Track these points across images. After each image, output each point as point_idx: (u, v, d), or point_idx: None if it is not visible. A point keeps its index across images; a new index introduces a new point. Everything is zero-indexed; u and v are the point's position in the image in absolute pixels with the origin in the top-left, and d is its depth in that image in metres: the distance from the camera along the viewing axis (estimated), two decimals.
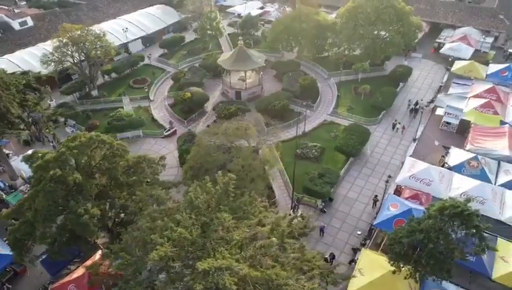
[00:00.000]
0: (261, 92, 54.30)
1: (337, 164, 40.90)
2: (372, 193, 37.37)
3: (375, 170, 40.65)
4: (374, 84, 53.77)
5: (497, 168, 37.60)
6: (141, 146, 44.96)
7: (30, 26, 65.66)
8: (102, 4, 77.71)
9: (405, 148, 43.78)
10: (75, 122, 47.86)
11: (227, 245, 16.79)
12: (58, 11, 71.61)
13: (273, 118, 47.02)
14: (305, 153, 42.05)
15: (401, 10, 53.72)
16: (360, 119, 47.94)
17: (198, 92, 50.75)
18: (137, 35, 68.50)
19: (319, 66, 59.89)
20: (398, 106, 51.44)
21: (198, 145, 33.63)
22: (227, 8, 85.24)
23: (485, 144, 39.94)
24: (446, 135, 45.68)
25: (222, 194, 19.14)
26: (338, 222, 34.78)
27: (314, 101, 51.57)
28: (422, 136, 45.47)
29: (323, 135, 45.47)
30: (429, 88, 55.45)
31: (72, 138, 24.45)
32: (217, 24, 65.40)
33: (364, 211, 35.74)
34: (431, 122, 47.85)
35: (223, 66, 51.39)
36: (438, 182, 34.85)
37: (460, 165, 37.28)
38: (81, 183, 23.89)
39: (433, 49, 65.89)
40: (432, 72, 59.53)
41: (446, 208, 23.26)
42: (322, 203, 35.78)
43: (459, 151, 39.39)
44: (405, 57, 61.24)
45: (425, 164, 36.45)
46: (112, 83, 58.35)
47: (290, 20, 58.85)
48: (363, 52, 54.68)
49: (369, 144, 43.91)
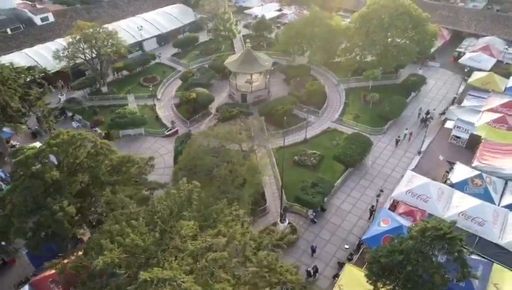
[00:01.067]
0: (268, 95, 53.74)
1: (335, 173, 39.83)
2: (368, 205, 36.11)
3: (374, 182, 39.28)
4: (385, 93, 52.14)
5: (503, 188, 35.53)
6: (142, 144, 45.44)
7: (51, 22, 67.68)
8: (123, 2, 79.22)
9: (408, 161, 42.11)
10: (82, 117, 48.97)
11: (181, 254, 16.48)
12: (79, 7, 73.60)
13: (276, 123, 46.54)
14: (303, 160, 41.21)
15: (417, 17, 51.79)
16: (366, 128, 46.53)
17: (203, 93, 50.79)
18: (152, 33, 69.45)
19: (330, 72, 58.69)
20: (408, 116, 49.61)
21: (190, 148, 33.54)
22: (245, 9, 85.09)
23: (493, 162, 37.81)
24: (454, 149, 43.58)
25: (184, 202, 18.84)
26: (327, 233, 33.79)
27: (321, 107, 50.51)
28: (428, 149, 43.59)
29: (324, 143, 44.41)
30: (443, 99, 53.16)
31: (55, 135, 24.86)
32: (230, 25, 65.30)
33: (356, 225, 34.56)
34: (440, 135, 45.81)
35: (229, 68, 51.21)
36: (436, 199, 33.22)
37: (463, 183, 35.44)
38: (60, 181, 24.23)
39: (453, 58, 63.22)
40: (448, 83, 57.07)
41: (428, 230, 22.03)
42: (313, 213, 34.88)
43: (463, 167, 37.45)
44: (420, 65, 59.00)
45: (425, 179, 34.86)
46: (123, 80, 59.37)
47: (302, 23, 58.00)
48: (375, 59, 53.03)
49: (371, 155, 42.57)
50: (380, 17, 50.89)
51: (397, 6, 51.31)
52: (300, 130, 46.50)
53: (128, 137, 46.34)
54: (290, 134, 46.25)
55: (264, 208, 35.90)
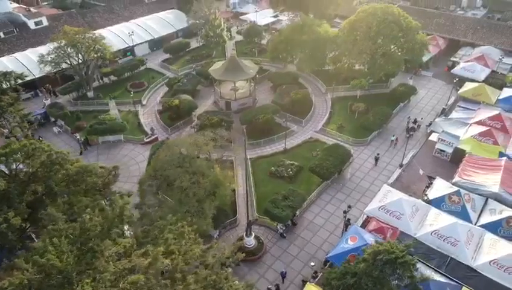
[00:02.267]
0: (253, 103, 53.00)
1: (311, 185, 38.81)
2: (341, 220, 34.95)
3: (351, 196, 38.12)
4: (373, 103, 50.99)
5: (482, 206, 34.05)
6: (120, 151, 45.04)
7: (45, 26, 68.04)
8: (119, 7, 79.56)
9: (389, 174, 40.87)
10: (64, 122, 48.85)
11: (101, 276, 15.74)
12: (74, 12, 73.92)
13: (257, 132, 45.74)
14: (279, 171, 40.27)
15: (406, 26, 50.58)
16: (348, 139, 45.44)
17: (186, 100, 50.25)
18: (144, 38, 69.38)
19: (319, 80, 57.72)
20: (394, 127, 48.29)
21: (157, 158, 32.91)
22: (242, 14, 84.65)
23: (475, 178, 36.34)
24: (439, 163, 42.23)
25: (115, 219, 18.15)
26: (296, 249, 32.75)
27: (305, 116, 49.54)
28: (410, 162, 42.28)
29: (304, 153, 43.40)
30: (432, 110, 51.72)
31: (5, 145, 24.48)
32: (221, 31, 64.84)
33: (327, 240, 33.45)
34: (425, 148, 44.54)
35: (213, 76, 50.62)
36: (410, 216, 31.95)
37: (440, 199, 34.10)
38: (9, 190, 23.79)
39: (447, 68, 61.64)
40: (439, 93, 55.59)
41: (380, 253, 20.97)
42: (283, 227, 33.89)
43: (442, 183, 36.07)
44: (411, 74, 57.63)
45: (399, 195, 33.61)
46: (111, 85, 59.22)
47: (290, 30, 57.23)
48: (363, 68, 51.91)
49: (351, 167, 41.45)
50: (367, 26, 49.76)
51: (386, 14, 50.21)
52: (282, 139, 45.62)
53: (107, 143, 46.00)
54: (270, 143, 45.50)
55: (234, 220, 35.05)
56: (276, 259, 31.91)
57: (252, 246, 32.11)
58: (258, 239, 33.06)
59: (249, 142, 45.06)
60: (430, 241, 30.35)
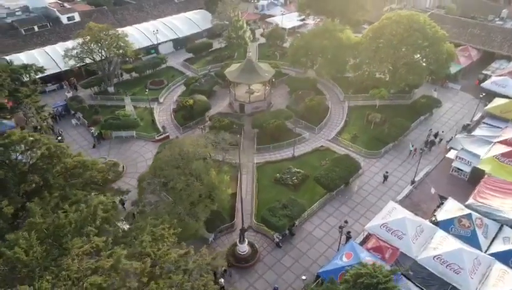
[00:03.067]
0: (268, 107, 52.36)
1: (315, 195, 37.68)
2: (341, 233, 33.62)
3: (355, 210, 36.65)
4: (393, 114, 49.06)
5: (496, 233, 31.65)
6: (131, 147, 45.78)
7: (76, 22, 70.72)
8: (148, 5, 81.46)
9: (399, 189, 38.97)
10: (82, 115, 50.37)
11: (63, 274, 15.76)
12: (105, 9, 76.37)
13: (268, 137, 45.12)
14: (284, 178, 39.41)
15: (433, 36, 48.17)
16: (360, 150, 43.81)
17: (201, 100, 50.48)
18: (169, 37, 70.43)
19: (338, 87, 56.23)
20: (412, 140, 45.97)
21: (159, 156, 33.08)
22: (269, 17, 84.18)
23: (491, 201, 33.89)
24: (455, 182, 39.82)
25: (86, 217, 18.20)
26: (290, 260, 31.83)
27: (319, 123, 48.30)
28: (424, 179, 40.11)
29: (313, 162, 42.26)
30: (455, 125, 48.89)
31: (6, 135, 25.33)
32: (244, 33, 64.65)
33: (324, 254, 32.27)
34: (443, 164, 42.11)
35: (228, 77, 50.47)
36: (413, 237, 30.17)
37: (449, 222, 32.01)
38: (6, 179, 24.58)
39: (478, 81, 58.16)
40: (466, 108, 52.52)
41: (361, 275, 19.81)
42: (279, 236, 33.06)
43: (454, 204, 33.84)
44: (436, 86, 54.84)
45: (404, 213, 31.85)
46: (132, 81, 60.51)
47: (311, 35, 56.08)
48: (383, 77, 49.93)
49: (359, 179, 39.94)
50: (391, 33, 47.81)
51: (411, 22, 48.07)
52: (292, 145, 44.75)
53: (120, 139, 46.93)
54: (279, 149, 44.70)
55: (231, 225, 34.61)
56: (269, 269, 31.16)
57: (245, 253, 31.52)
58: (252, 246, 32.43)
59: (258, 147, 44.73)
60: (431, 266, 28.49)
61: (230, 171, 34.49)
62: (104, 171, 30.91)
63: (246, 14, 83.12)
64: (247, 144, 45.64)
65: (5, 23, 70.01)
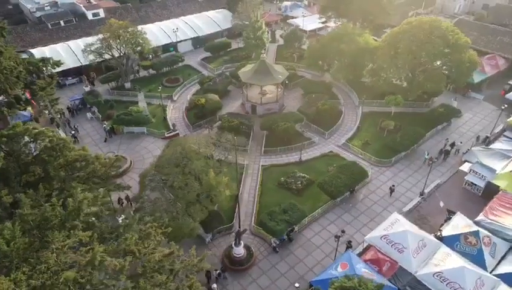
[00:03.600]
0: (280, 109, 51.87)
1: (318, 202, 36.94)
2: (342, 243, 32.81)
3: (358, 219, 35.68)
4: (408, 122, 47.62)
5: (505, 252, 30.00)
6: (141, 143, 46.43)
7: (101, 18, 72.40)
8: (172, 3, 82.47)
9: (407, 201, 37.61)
10: (97, 110, 51.59)
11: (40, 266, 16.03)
12: (129, 6, 77.91)
13: (278, 139, 44.69)
14: (289, 182, 38.87)
15: (455, 43, 46.23)
16: (370, 158, 42.65)
17: (213, 100, 50.66)
18: (189, 36, 71.05)
19: (354, 92, 55.03)
20: (427, 150, 44.26)
21: (163, 156, 33.37)
22: (292, 18, 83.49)
23: (503, 219, 32.18)
24: (468, 197, 38.08)
25: (71, 212, 18.46)
26: (285, 266, 31.32)
27: (331, 128, 47.41)
28: (435, 191, 38.56)
29: (320, 167, 41.46)
30: (474, 137, 46.77)
31: (10, 127, 26.19)
32: (262, 34, 64.34)
33: (320, 263, 31.57)
34: (456, 177, 40.34)
35: (241, 78, 50.36)
36: (414, 251, 29.02)
37: (454, 238, 30.63)
38: (8, 169, 25.42)
39: (503, 91, 55.42)
40: (487, 119, 50.12)
41: (346, 289, 19.14)
42: (277, 241, 32.60)
43: (462, 220, 32.33)
44: (455, 96, 52.63)
45: (407, 226, 30.66)
46: (148, 78, 61.44)
47: (329, 38, 55.13)
48: (400, 83, 48.30)
49: (366, 188, 38.88)
50: (410, 39, 46.25)
51: (432, 28, 46.36)
52: (303, 148, 44.19)
53: (131, 134, 47.73)
54: (287, 152, 44.19)
55: (230, 226, 34.45)
56: (263, 273, 30.80)
57: (241, 256, 31.28)
58: (249, 249, 32.15)
59: (265, 149, 44.40)
60: (431, 283, 27.33)
61: (230, 173, 34.12)
62: (107, 166, 31.32)
63: (267, 14, 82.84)
64: (255, 146, 45.36)
65: (35, 17, 72.91)
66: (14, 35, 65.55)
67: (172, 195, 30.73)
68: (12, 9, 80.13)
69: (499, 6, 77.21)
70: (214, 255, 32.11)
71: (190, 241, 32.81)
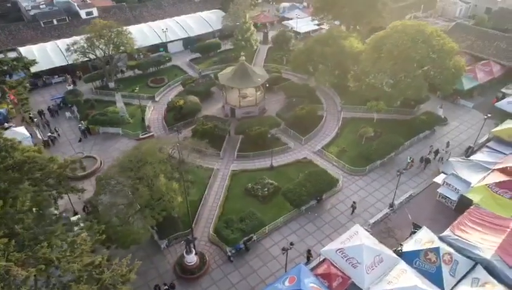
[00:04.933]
0: (260, 113, 50.88)
1: (283, 210, 35.84)
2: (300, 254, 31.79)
3: (321, 230, 34.48)
4: (390, 129, 46.12)
5: (466, 272, 28.36)
6: (115, 144, 46.13)
7: (94, 17, 72.58)
8: (168, 3, 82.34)
9: (375, 212, 36.18)
10: (77, 109, 51.55)
11: None
12: (124, 5, 78.03)
13: (253, 144, 43.80)
14: (255, 189, 37.92)
15: (440, 48, 44.50)
16: (344, 166, 41.35)
17: (191, 101, 50.07)
18: (179, 36, 70.66)
19: (338, 97, 53.68)
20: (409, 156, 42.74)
21: (117, 160, 32.87)
22: (287, 20, 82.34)
23: (470, 236, 30.53)
24: (441, 210, 36.47)
25: None
26: (238, 277, 30.42)
27: (308, 133, 46.22)
28: (407, 202, 37.05)
29: (291, 174, 40.30)
30: (458, 146, 44.96)
31: None
32: (250, 36, 63.47)
33: (275, 274, 30.53)
34: (431, 188, 38.65)
35: (220, 80, 49.62)
36: (368, 267, 27.71)
37: (414, 254, 29.18)
38: None
39: (495, 99, 53.13)
40: (474, 128, 48.07)
41: None
42: (232, 250, 31.70)
43: (427, 234, 30.76)
44: (441, 103, 50.66)
45: (364, 239, 29.30)
46: (134, 78, 61.20)
47: (314, 41, 53.89)
48: (381, 89, 46.69)
49: (335, 197, 37.65)
50: (392, 44, 44.70)
51: (417, 32, 44.73)
52: (277, 154, 43.22)
53: (106, 134, 47.52)
54: (260, 158, 43.19)
55: (186, 233, 33.60)
56: (214, 283, 29.96)
57: (193, 264, 30.49)
58: (202, 257, 31.34)
59: (238, 154, 43.56)
60: None
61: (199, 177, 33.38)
62: (62, 168, 30.97)
63: (262, 15, 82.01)
64: (229, 150, 44.54)
65: (29, 15, 73.70)
66: (7, 33, 66.56)
67: (126, 200, 30.12)
68: (11, 7, 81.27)
69: (501, 10, 74.42)
70: (168, 262, 31.50)
71: (146, 248, 32.71)
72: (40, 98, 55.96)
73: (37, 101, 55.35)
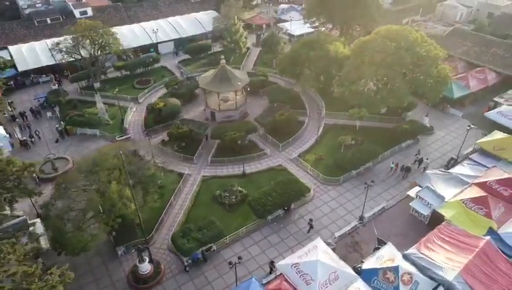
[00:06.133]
0: (242, 116, 49.97)
1: (249, 219, 34.88)
2: (259, 267, 30.76)
3: (285, 241, 33.35)
4: (373, 138, 44.69)
5: None
6: (91, 145, 45.69)
7: (88, 16, 72.81)
8: (164, 4, 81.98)
9: (344, 224, 34.85)
10: (59, 109, 51.46)
11: None
12: (119, 5, 77.96)
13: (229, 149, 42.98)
14: (223, 197, 37.01)
15: (425, 55, 42.87)
16: (318, 175, 40.10)
17: (171, 104, 49.46)
18: (171, 37, 70.17)
19: (323, 102, 52.37)
20: (384, 169, 41.34)
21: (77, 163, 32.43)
22: (283, 21, 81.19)
23: (436, 254, 28.96)
24: (414, 225, 34.98)
25: None
26: (191, 288, 29.57)
27: (286, 139, 45.11)
28: (378, 216, 35.64)
29: (263, 182, 39.20)
30: (440, 157, 43.25)
31: None
32: (239, 38, 62.55)
33: (230, 286, 29.59)
34: (406, 202, 37.07)
35: (200, 83, 48.91)
36: (322, 284, 26.43)
37: (373, 272, 27.84)
38: None
39: (488, 108, 51.00)
40: (461, 138, 45.78)
41: None
42: (189, 260, 30.87)
43: (391, 251, 29.39)
44: (427, 111, 48.83)
45: (321, 255, 28.01)
46: (121, 78, 60.88)
47: (300, 45, 52.67)
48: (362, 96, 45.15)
49: (304, 207, 36.47)
50: (374, 50, 43.23)
51: (401, 38, 43.20)
52: (252, 160, 42.34)
53: (83, 136, 47.29)
54: (234, 164, 42.23)
55: (146, 240, 32.95)
56: None
57: (147, 273, 29.75)
58: (158, 266, 30.59)
59: (212, 159, 42.77)
60: None
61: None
62: (22, 170, 30.69)
63: (257, 17, 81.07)
64: (205, 155, 43.75)
65: (25, 14, 74.30)
66: (0, 31, 67.18)
67: (82, 205, 29.59)
68: (9, 5, 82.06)
69: (503, 15, 71.90)
70: (123, 270, 30.89)
71: (104, 254, 32.19)
72: (26, 97, 56.24)
73: (23, 100, 55.70)
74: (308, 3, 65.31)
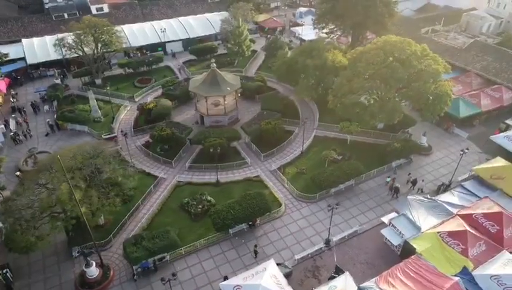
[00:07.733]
0: (232, 122, 48.83)
1: (211, 231, 33.69)
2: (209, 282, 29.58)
3: (242, 259, 31.87)
4: (363, 154, 42.12)
5: None
6: (78, 141, 45.87)
7: (105, 13, 74.60)
8: (180, 3, 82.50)
9: (308, 246, 32.78)
10: (57, 103, 52.67)
11: None
12: (135, 3, 79.30)
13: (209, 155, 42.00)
14: (190, 205, 36.09)
15: (423, 70, 39.74)
16: (294, 190, 38.20)
17: (162, 105, 49.21)
18: (179, 36, 70.17)
19: (318, 113, 50.17)
20: (373, 189, 38.83)
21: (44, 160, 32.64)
22: (298, 25, 79.13)
23: None
24: (385, 254, 32.42)
25: None
26: None
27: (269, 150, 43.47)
28: (349, 240, 33.31)
29: (235, 192, 37.82)
30: (432, 182, 39.92)
31: None
32: (244, 40, 61.32)
33: None
34: (381, 228, 34.34)
35: (190, 86, 48.22)
36: None
37: None
38: None
39: (498, 130, 46.66)
40: (461, 162, 42.24)
41: None
42: (139, 269, 30.16)
43: (346, 282, 27.20)
44: (424, 131, 45.18)
45: (267, 279, 26.39)
46: (123, 76, 61.38)
47: (298, 52, 50.74)
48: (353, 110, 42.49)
49: (271, 224, 34.78)
50: (368, 61, 40.62)
51: (397, 50, 40.30)
52: (230, 169, 41.23)
53: (73, 131, 48.01)
54: (212, 171, 41.07)
55: (105, 242, 32.61)
56: None
57: (94, 278, 29.37)
58: (106, 273, 30.12)
59: (191, 165, 42.00)
60: None
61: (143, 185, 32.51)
62: None
63: (270, 20, 79.52)
64: (185, 159, 43.02)
65: (44, 8, 77.09)
66: (19, 24, 70.10)
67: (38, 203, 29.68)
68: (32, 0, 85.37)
69: None
70: (74, 271, 30.74)
71: (60, 253, 32.25)
72: (32, 89, 58.08)
73: (28, 92, 57.64)
74: (319, 9, 62.89)
